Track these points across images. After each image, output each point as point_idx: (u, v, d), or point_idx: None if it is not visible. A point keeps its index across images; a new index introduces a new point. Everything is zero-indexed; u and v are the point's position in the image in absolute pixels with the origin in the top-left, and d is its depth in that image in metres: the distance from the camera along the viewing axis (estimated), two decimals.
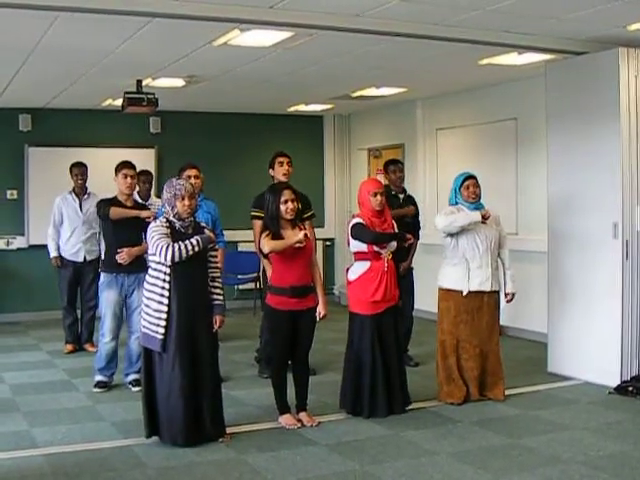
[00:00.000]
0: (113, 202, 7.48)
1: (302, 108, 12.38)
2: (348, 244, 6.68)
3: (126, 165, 7.54)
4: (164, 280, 5.76)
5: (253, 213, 7.58)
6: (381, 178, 12.78)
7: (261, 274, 8.27)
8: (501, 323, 7.52)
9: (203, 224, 6.16)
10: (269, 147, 12.71)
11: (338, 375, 6.92)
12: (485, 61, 8.35)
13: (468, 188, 6.88)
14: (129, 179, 7.45)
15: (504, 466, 5.39)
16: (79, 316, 9.52)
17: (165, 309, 5.74)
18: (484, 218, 6.78)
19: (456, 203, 6.94)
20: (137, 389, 7.31)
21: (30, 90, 10.02)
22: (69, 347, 9.36)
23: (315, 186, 12.97)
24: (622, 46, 7.22)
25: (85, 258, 9.33)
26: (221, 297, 6.05)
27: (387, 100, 11.41)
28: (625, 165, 7.26)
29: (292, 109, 12.46)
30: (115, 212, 7.36)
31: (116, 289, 7.40)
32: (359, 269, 6.56)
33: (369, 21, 6.65)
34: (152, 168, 11.66)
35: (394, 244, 6.60)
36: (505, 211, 8.60)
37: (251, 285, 12.16)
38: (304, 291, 6.22)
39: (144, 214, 7.37)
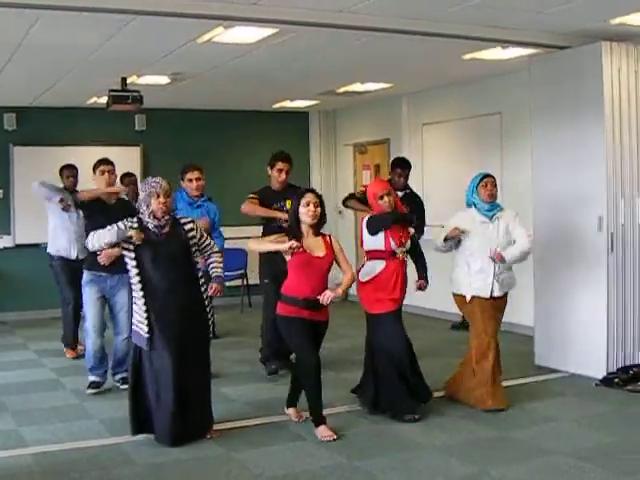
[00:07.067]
0: (96, 201, 7.28)
1: (287, 104, 12.37)
2: (362, 244, 6.57)
3: (103, 161, 7.34)
4: (136, 280, 5.76)
5: (248, 196, 7.68)
6: (366, 175, 12.83)
7: (259, 267, 7.91)
8: None
9: (184, 220, 5.97)
10: (255, 144, 12.83)
11: (330, 371, 6.92)
12: (469, 56, 8.37)
13: (486, 186, 6.63)
14: (107, 175, 7.24)
15: (491, 458, 5.42)
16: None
17: (144, 307, 5.74)
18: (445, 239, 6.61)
19: (473, 204, 6.69)
20: (125, 387, 7.30)
21: (14, 89, 9.99)
22: (72, 353, 9.04)
23: (301, 182, 12.70)
24: (605, 40, 7.26)
25: (77, 257, 9.17)
26: (219, 269, 6.03)
27: (372, 96, 11.42)
28: (609, 158, 7.29)
29: (277, 105, 12.46)
30: (82, 195, 7.25)
31: (98, 287, 7.25)
32: (374, 269, 6.41)
33: (352, 17, 6.66)
34: (138, 166, 11.70)
35: (408, 243, 6.46)
36: None
37: (238, 282, 12.17)
38: (317, 305, 5.85)
39: (111, 190, 7.16)
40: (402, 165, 8.53)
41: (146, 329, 5.72)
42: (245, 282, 12.30)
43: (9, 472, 5.29)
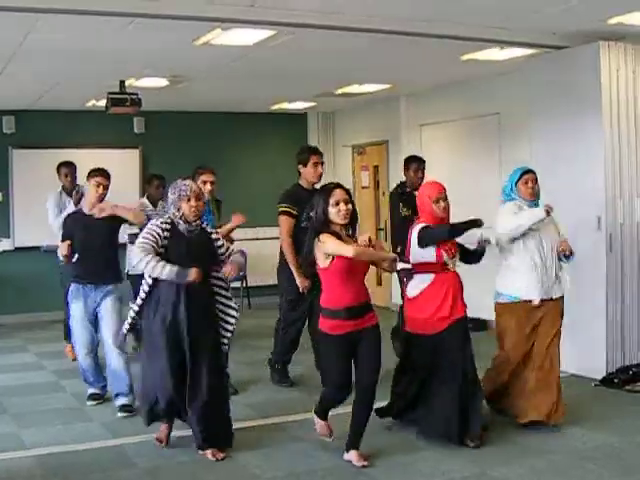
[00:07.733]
0: (75, 215, 7.02)
1: (286, 106, 12.38)
2: (407, 255, 5.93)
3: (100, 173, 6.87)
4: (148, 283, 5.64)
5: (282, 209, 7.30)
6: (365, 175, 12.80)
7: (280, 277, 7.58)
8: (485, 317, 7.45)
9: (213, 234, 5.85)
10: (253, 146, 12.83)
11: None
12: (467, 57, 8.38)
13: (527, 183, 6.11)
14: (101, 188, 6.81)
15: (491, 459, 5.43)
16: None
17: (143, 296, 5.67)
18: (548, 213, 6.07)
19: (511, 198, 6.22)
20: (123, 414, 6.59)
21: (13, 92, 9.98)
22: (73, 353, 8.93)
23: None
24: (603, 40, 7.26)
25: None
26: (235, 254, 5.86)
27: (371, 97, 11.43)
28: (608, 158, 7.30)
29: (276, 107, 12.47)
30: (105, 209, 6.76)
31: (82, 300, 6.78)
32: (421, 283, 5.84)
33: (350, 18, 6.67)
34: (137, 168, 11.70)
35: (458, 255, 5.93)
36: (489, 206, 8.59)
37: (237, 284, 12.17)
38: (361, 311, 5.33)
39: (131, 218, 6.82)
40: (419, 162, 8.35)
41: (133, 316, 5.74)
42: (245, 284, 12.31)
43: (10, 474, 5.30)
